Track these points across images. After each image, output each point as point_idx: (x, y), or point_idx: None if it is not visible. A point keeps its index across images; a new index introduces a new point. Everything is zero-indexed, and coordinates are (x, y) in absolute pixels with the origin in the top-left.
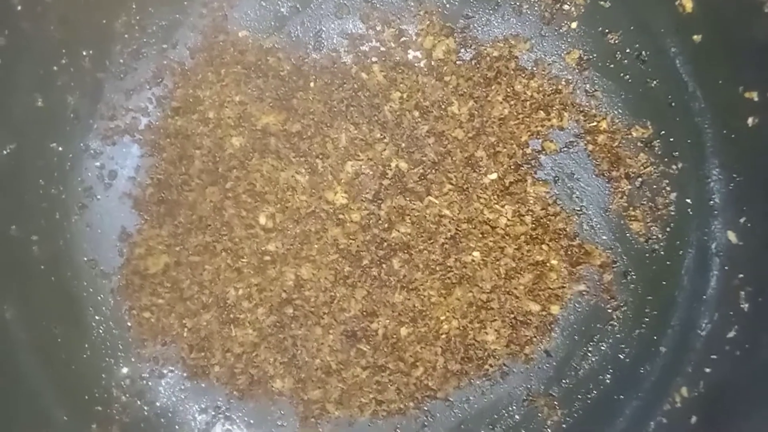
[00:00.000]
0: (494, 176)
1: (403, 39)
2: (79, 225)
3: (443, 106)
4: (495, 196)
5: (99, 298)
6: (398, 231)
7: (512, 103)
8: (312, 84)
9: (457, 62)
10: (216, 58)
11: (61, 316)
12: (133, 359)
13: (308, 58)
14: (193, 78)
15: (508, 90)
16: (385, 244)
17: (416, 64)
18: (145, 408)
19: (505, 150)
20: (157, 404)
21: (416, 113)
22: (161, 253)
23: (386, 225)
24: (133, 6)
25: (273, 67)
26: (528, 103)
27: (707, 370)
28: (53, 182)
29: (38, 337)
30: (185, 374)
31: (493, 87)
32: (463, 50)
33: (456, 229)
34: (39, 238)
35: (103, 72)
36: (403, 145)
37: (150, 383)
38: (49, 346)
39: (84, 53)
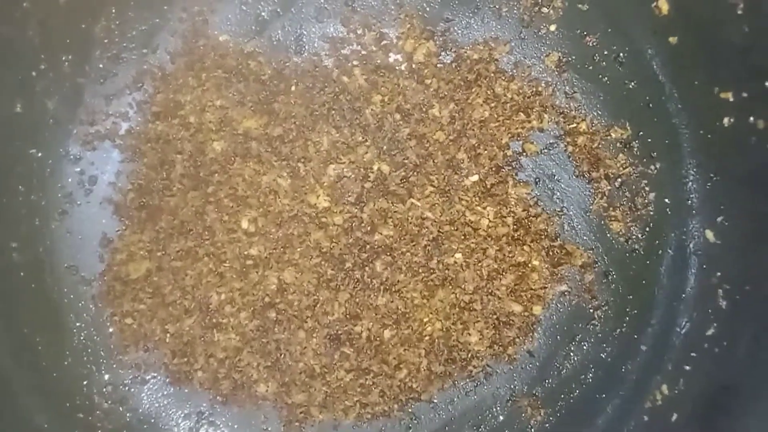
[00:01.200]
0: (476, 178)
1: (383, 42)
2: (59, 231)
3: (424, 109)
4: (477, 198)
5: (80, 304)
6: (381, 234)
7: (492, 105)
8: (293, 88)
9: (438, 65)
10: (196, 63)
11: (41, 322)
12: (114, 366)
13: (289, 62)
14: (173, 83)
15: (488, 92)
16: (368, 246)
17: (397, 68)
18: (128, 414)
19: (486, 152)
20: (140, 411)
21: (397, 116)
22: (143, 259)
23: (369, 228)
24: (113, 10)
25: (254, 71)
26: (508, 105)
27: (687, 367)
28: (33, 188)
29: (19, 343)
30: (168, 380)
31: (473, 89)
32: (443, 53)
33: (438, 231)
34: (19, 244)
35: (82, 77)
36: (385, 147)
37: (132, 389)
38: (29, 352)
39: (63, 58)
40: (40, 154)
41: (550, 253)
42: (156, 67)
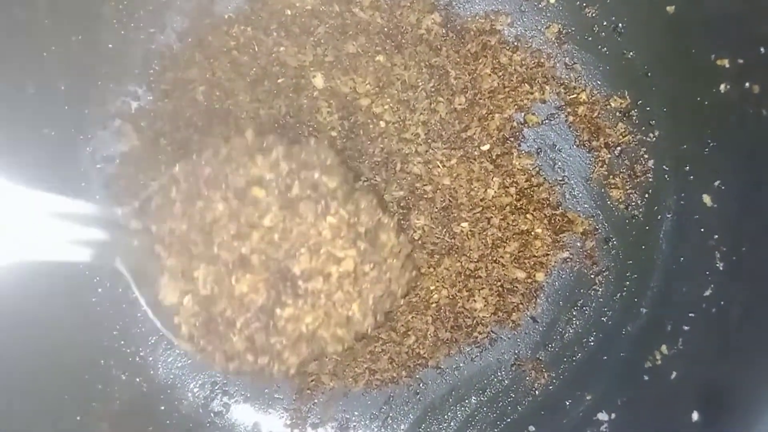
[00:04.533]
0: (487, 147)
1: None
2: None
3: (442, 73)
4: (483, 169)
5: (95, 279)
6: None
7: (500, 74)
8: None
9: (444, 38)
10: (203, 41)
11: (60, 296)
12: (132, 338)
13: None
14: (181, 61)
15: (495, 62)
16: None
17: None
18: (144, 385)
19: (495, 123)
20: (156, 381)
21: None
22: None
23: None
24: None
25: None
26: (514, 76)
27: (685, 327)
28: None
29: (40, 316)
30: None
31: (480, 60)
32: (449, 25)
33: (449, 199)
34: None
35: (92, 58)
36: None
37: (149, 361)
38: (48, 325)
39: (73, 39)
40: (53, 134)
41: (552, 221)
42: (164, 46)
